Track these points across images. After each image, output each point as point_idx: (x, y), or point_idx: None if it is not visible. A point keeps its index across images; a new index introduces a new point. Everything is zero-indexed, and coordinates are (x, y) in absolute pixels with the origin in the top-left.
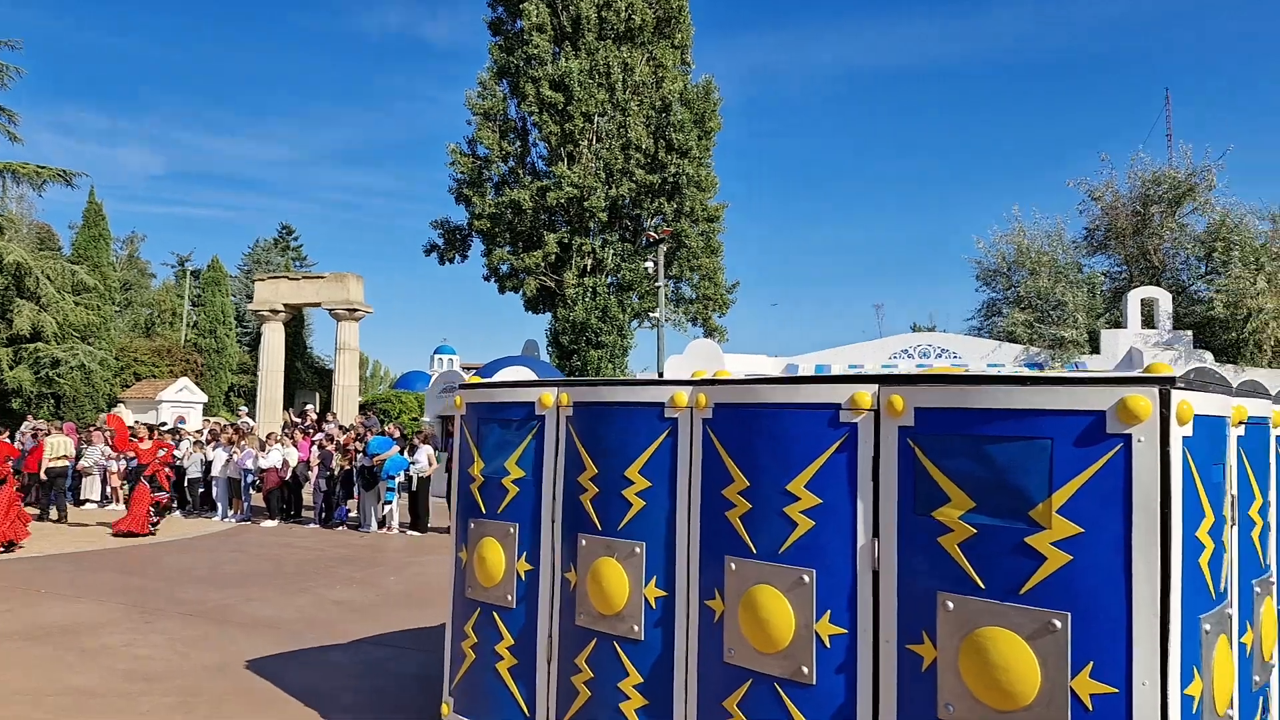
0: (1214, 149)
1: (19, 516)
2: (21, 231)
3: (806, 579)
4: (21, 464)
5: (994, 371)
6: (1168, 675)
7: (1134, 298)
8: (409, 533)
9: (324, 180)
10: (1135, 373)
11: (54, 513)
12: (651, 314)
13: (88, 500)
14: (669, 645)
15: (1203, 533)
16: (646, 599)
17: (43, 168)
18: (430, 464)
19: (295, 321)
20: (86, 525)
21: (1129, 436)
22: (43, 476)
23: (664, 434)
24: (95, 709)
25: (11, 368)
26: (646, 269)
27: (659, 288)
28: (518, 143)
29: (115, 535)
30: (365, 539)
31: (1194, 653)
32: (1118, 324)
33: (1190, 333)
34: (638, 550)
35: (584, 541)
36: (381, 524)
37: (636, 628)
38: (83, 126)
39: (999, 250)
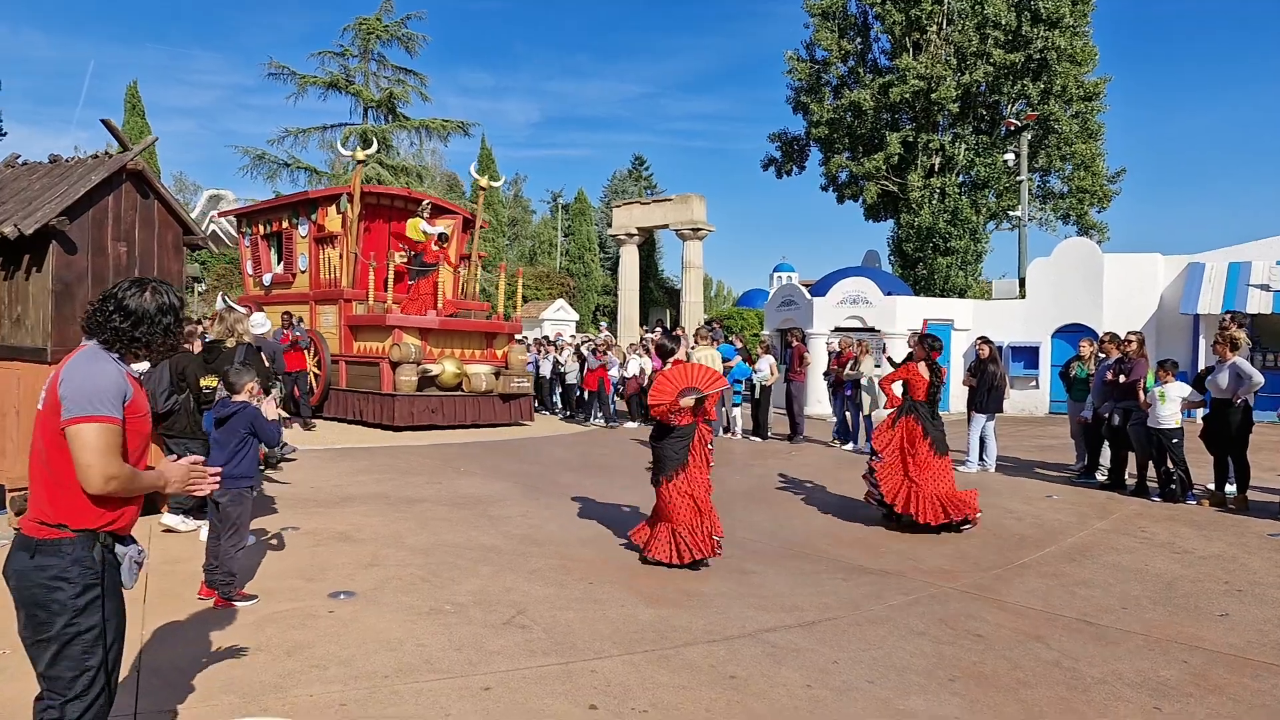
0: None
1: None
2: (435, 179)
3: None
4: None
5: None
6: None
7: None
8: (751, 438)
9: (671, 110)
10: None
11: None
12: (1012, 213)
13: None
14: None
15: None
16: None
17: (447, 121)
18: (771, 373)
19: (647, 245)
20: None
21: None
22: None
23: None
24: (500, 561)
25: None
26: (1005, 162)
27: (1021, 182)
28: (858, 39)
29: None
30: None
31: None
32: None
33: None
34: None
35: None
36: (726, 429)
37: None
38: (477, 85)
39: None
